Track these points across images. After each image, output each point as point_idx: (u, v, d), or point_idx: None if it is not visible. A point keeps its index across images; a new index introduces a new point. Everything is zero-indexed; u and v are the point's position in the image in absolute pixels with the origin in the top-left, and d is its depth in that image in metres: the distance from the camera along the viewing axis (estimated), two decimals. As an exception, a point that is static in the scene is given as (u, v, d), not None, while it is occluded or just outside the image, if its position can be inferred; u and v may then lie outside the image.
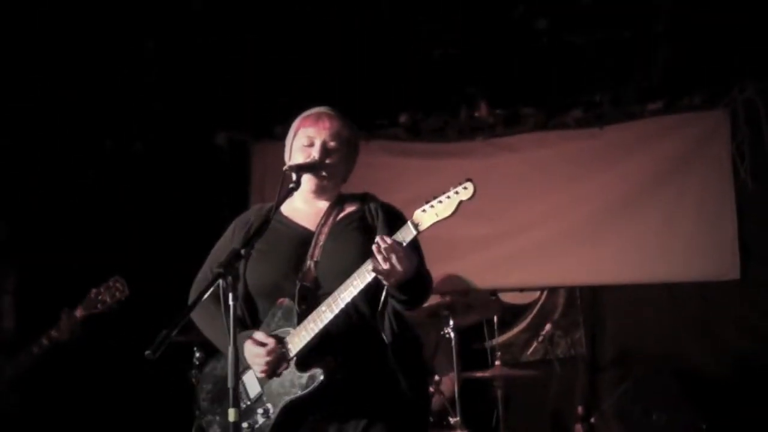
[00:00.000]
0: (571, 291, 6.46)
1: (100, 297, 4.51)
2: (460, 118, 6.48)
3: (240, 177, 6.68)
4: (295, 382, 3.05)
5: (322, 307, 3.03)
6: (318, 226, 3.24)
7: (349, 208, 3.30)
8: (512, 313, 6.49)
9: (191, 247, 5.60)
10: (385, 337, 3.08)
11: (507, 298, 6.50)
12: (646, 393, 5.79)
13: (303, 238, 3.23)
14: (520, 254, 6.27)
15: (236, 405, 2.74)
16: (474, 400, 5.75)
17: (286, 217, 3.32)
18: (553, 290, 6.50)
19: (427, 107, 6.49)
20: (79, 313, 4.49)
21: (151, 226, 6.29)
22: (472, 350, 6.14)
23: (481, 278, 6.33)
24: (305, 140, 3.25)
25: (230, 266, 2.82)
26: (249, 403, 3.13)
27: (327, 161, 3.22)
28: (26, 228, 4.85)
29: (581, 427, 5.64)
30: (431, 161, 6.39)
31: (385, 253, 2.88)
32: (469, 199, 2.90)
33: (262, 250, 3.20)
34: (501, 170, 6.34)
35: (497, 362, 5.57)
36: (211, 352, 3.39)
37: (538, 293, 6.53)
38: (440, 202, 2.92)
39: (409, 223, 2.95)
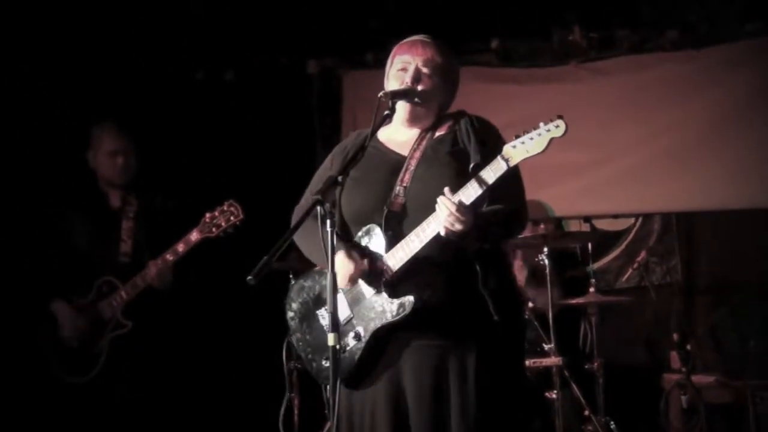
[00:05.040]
0: (667, 217, 6.37)
1: (215, 221, 4.52)
2: (553, 43, 6.36)
3: (331, 105, 6.70)
4: (385, 308, 3.08)
5: (411, 236, 3.05)
6: (410, 151, 3.25)
7: (441, 131, 3.29)
8: (607, 240, 6.43)
9: (282, 176, 5.73)
10: (476, 265, 3.08)
11: (601, 224, 6.46)
12: (743, 320, 5.73)
13: (396, 164, 3.24)
14: (614, 180, 6.19)
15: (336, 330, 2.79)
16: (568, 327, 5.76)
17: (382, 144, 3.32)
18: (648, 217, 6.42)
19: (519, 32, 6.39)
20: (194, 237, 4.52)
21: (242, 156, 6.37)
22: (567, 277, 6.12)
23: (575, 205, 6.28)
24: (399, 66, 3.25)
25: (327, 193, 2.86)
26: (340, 325, 3.17)
27: (420, 87, 3.21)
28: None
29: (677, 354, 5.60)
30: (523, 87, 6.32)
31: (445, 215, 2.91)
32: (561, 136, 2.92)
33: (356, 177, 3.22)
34: (594, 95, 6.23)
35: (591, 289, 5.55)
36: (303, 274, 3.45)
37: (632, 220, 6.46)
38: (531, 138, 2.93)
39: (499, 157, 2.95)
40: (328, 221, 2.81)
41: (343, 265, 3.11)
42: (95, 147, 4.85)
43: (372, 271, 3.14)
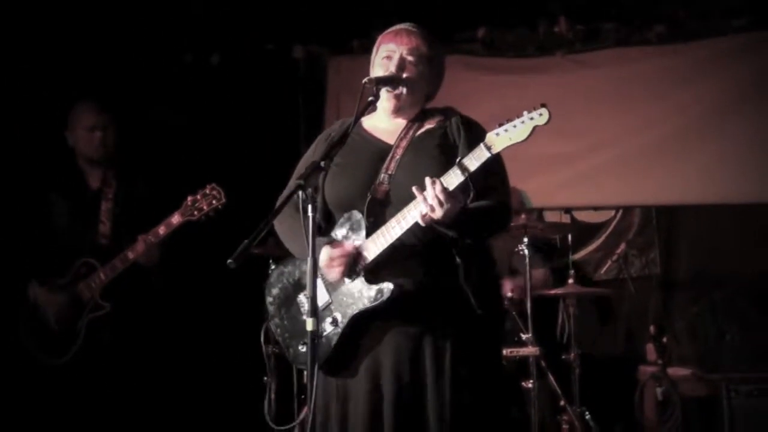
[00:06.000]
0: (647, 210, 6.40)
1: (197, 204, 4.50)
2: (539, 34, 6.37)
3: (316, 91, 6.69)
4: (363, 294, 3.09)
5: (392, 222, 3.05)
6: (397, 139, 3.25)
7: (430, 124, 3.29)
8: (587, 232, 6.46)
9: (266, 161, 5.73)
10: (458, 258, 3.09)
11: (581, 216, 6.48)
12: (721, 314, 5.77)
13: (381, 152, 3.23)
14: (596, 172, 6.22)
15: (314, 314, 2.80)
16: (546, 317, 5.79)
17: (366, 131, 3.32)
18: (628, 209, 6.44)
19: (506, 22, 6.40)
20: (176, 219, 4.51)
21: (226, 140, 6.36)
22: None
23: (556, 196, 6.32)
24: (384, 54, 3.25)
25: (309, 178, 2.86)
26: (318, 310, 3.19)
27: (404, 75, 3.21)
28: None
29: (653, 346, 5.63)
30: (509, 76, 6.33)
31: (428, 198, 2.91)
32: (544, 124, 2.91)
33: (340, 164, 3.22)
34: (579, 87, 6.25)
35: (570, 280, 5.58)
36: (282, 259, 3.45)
37: (613, 212, 6.47)
38: (514, 126, 2.93)
39: (482, 145, 2.95)
40: (310, 206, 2.81)
41: (331, 257, 3.11)
42: (74, 124, 4.84)
43: (357, 256, 3.14)
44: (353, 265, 3.13)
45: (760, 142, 5.90)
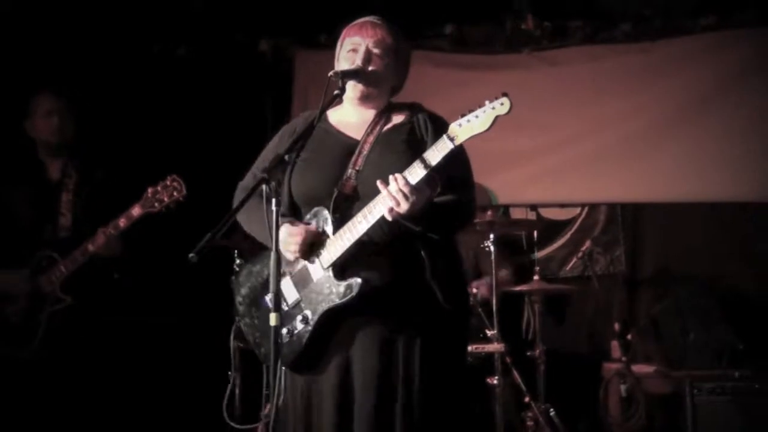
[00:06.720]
0: (612, 208, 6.42)
1: (157, 195, 4.46)
2: (506, 30, 6.37)
3: (283, 84, 6.65)
4: (333, 290, 3.07)
5: (358, 217, 3.04)
6: (364, 135, 3.23)
7: (397, 119, 3.27)
8: (552, 229, 6.47)
9: (230, 153, 5.68)
10: (422, 250, 3.08)
11: (547, 213, 6.49)
12: (685, 312, 5.80)
13: (348, 147, 3.22)
14: (562, 169, 6.23)
15: (278, 309, 2.78)
16: (511, 314, 5.79)
17: (332, 126, 3.30)
18: (593, 207, 6.46)
19: (473, 18, 6.39)
20: (136, 211, 4.47)
21: (193, 131, 6.30)
22: (511, 264, 6.16)
23: (522, 193, 6.32)
24: (350, 47, 3.23)
25: (274, 171, 2.84)
26: (287, 308, 3.16)
27: (370, 68, 3.19)
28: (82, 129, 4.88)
29: (617, 343, 5.65)
30: (476, 73, 6.31)
31: (392, 192, 2.90)
32: (506, 113, 2.89)
33: (307, 159, 3.20)
34: (546, 84, 6.26)
35: (535, 276, 5.58)
36: (251, 258, 3.42)
37: (578, 209, 6.49)
38: (476, 116, 2.91)
39: (444, 136, 2.94)
40: (273, 200, 2.79)
41: (290, 233, 3.10)
42: (32, 113, 4.78)
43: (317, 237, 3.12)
44: (314, 247, 3.11)
45: (726, 140, 5.94)
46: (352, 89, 3.19)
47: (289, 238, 3.11)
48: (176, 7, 6.15)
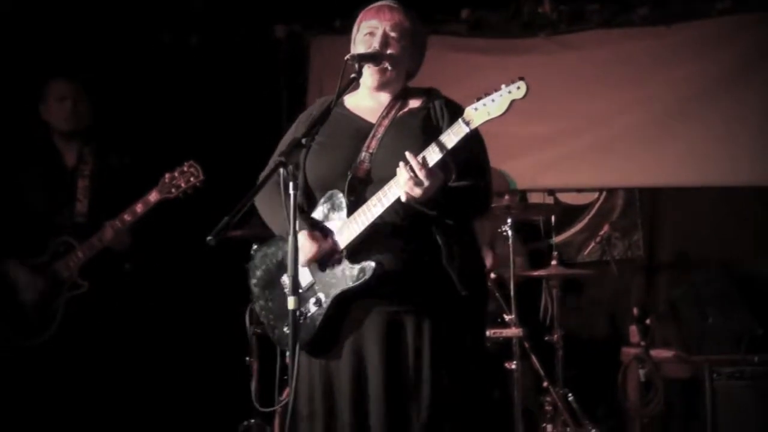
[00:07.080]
0: (630, 193, 6.40)
1: (174, 181, 4.48)
2: (523, 14, 6.33)
3: (298, 71, 6.64)
4: (346, 274, 3.07)
5: (373, 200, 3.04)
6: (378, 118, 3.22)
7: (413, 104, 3.26)
8: (570, 214, 6.45)
9: (247, 140, 5.68)
10: (438, 235, 3.08)
11: (565, 198, 6.48)
12: (703, 296, 5.76)
13: (362, 130, 3.21)
14: (579, 154, 6.21)
15: (296, 293, 2.77)
16: (529, 299, 5.78)
17: (348, 110, 3.29)
18: (611, 192, 6.44)
19: (490, 2, 6.36)
20: (153, 197, 4.48)
21: (207, 120, 6.30)
22: (529, 249, 6.14)
23: (540, 177, 6.30)
24: (366, 30, 3.22)
25: (291, 155, 2.84)
26: (301, 291, 3.14)
27: (388, 51, 3.18)
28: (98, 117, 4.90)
29: (636, 328, 5.63)
30: (492, 57, 6.28)
31: (405, 177, 2.89)
32: (522, 98, 2.87)
33: (322, 142, 3.19)
34: (563, 68, 6.23)
35: (553, 261, 5.57)
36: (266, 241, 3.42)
37: (596, 194, 6.48)
38: (492, 100, 2.90)
39: (460, 120, 2.93)
40: (291, 184, 2.78)
41: (305, 245, 3.09)
42: (46, 97, 4.79)
43: (333, 250, 3.12)
44: (327, 258, 3.12)
45: (744, 124, 5.91)
46: (369, 73, 3.18)
47: (305, 249, 3.08)
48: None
